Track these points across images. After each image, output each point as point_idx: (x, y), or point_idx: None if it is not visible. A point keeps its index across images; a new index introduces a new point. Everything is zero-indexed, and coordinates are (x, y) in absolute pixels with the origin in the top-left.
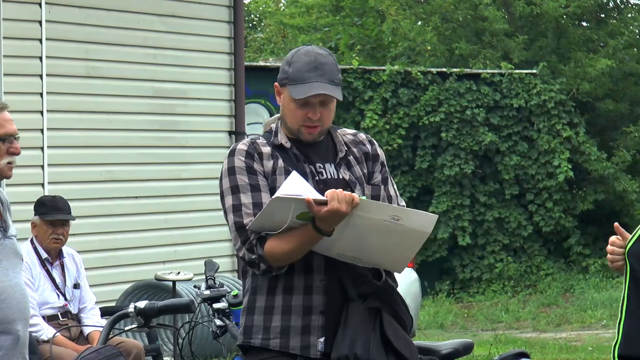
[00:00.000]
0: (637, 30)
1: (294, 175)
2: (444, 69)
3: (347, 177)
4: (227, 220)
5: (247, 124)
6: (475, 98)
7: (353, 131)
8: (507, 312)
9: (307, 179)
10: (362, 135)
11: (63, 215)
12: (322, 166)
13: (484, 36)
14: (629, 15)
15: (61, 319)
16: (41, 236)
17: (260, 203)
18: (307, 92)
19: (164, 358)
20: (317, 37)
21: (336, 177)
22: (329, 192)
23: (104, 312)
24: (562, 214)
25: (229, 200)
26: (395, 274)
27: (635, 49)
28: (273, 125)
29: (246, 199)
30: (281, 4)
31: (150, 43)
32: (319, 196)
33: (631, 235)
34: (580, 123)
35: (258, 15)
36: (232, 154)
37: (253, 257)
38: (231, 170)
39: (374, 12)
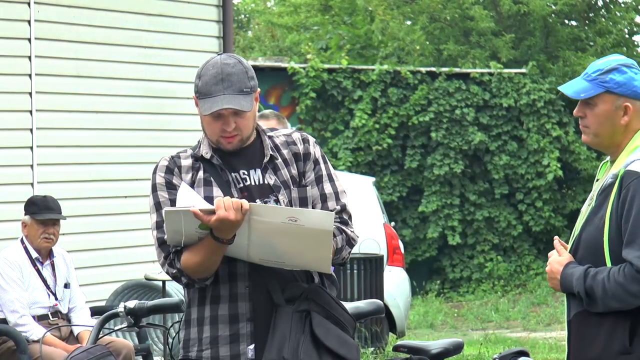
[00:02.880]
0: (625, 29)
1: (183, 186)
2: (434, 69)
3: (271, 182)
4: (153, 237)
5: None
6: (464, 97)
7: (288, 131)
8: (497, 312)
9: (229, 187)
10: (296, 135)
11: (54, 214)
12: (246, 172)
13: (472, 36)
14: (617, 13)
15: (51, 318)
16: (32, 236)
17: None
18: (212, 107)
19: (154, 357)
20: (307, 36)
21: (261, 182)
22: (216, 201)
23: (94, 312)
24: (552, 214)
25: (153, 218)
26: (386, 274)
27: (624, 48)
28: (201, 135)
29: None
30: (269, 3)
31: (139, 42)
32: (207, 206)
33: None
34: (570, 122)
35: (247, 15)
36: (155, 171)
37: (174, 271)
38: (153, 188)
39: (362, 11)
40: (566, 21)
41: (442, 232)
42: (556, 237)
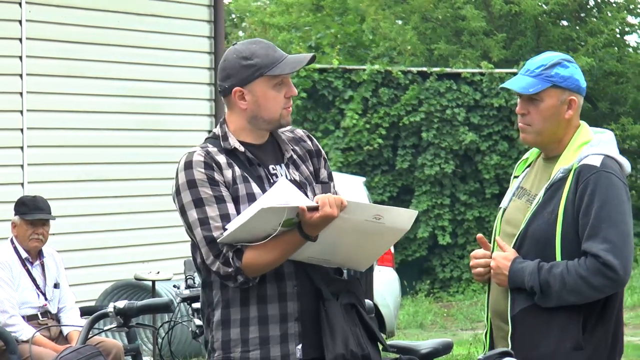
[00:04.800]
0: (617, 29)
1: (283, 181)
2: (424, 69)
3: (297, 178)
4: (194, 235)
5: None
6: (455, 97)
7: (289, 128)
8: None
9: (263, 183)
10: (299, 132)
11: (43, 214)
12: (274, 168)
13: (463, 35)
14: (609, 13)
15: (41, 318)
16: (21, 236)
17: (228, 214)
18: (297, 62)
19: (144, 358)
20: (298, 35)
21: (288, 178)
22: (319, 197)
23: (84, 312)
24: None
25: (193, 214)
26: (376, 274)
27: (616, 48)
28: (216, 130)
29: (213, 211)
30: (260, 2)
31: (131, 42)
32: (309, 201)
33: None
34: None
35: (239, 14)
36: (189, 166)
37: (230, 270)
38: (191, 183)
39: (353, 11)
40: (557, 21)
41: (433, 232)
42: (479, 235)
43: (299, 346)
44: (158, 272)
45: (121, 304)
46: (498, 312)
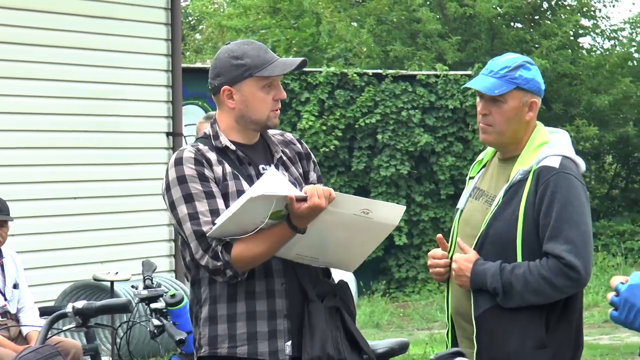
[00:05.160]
0: (570, 32)
1: (272, 171)
2: (380, 71)
3: (287, 178)
4: (183, 230)
5: (185, 125)
6: (410, 99)
7: (278, 131)
8: (442, 312)
9: (252, 182)
10: (289, 135)
11: (1, 215)
12: (264, 168)
13: (418, 38)
14: (563, 16)
15: (0, 319)
16: None
17: (217, 210)
18: (286, 66)
19: (102, 357)
20: (255, 38)
21: None
22: (308, 188)
23: (43, 312)
24: None
25: (183, 210)
26: (333, 274)
27: (569, 50)
28: (207, 130)
29: (202, 206)
30: (217, 5)
31: (89, 45)
32: (297, 192)
33: None
34: None
35: (197, 17)
36: (179, 162)
37: (219, 264)
38: (182, 179)
39: (310, 14)
40: (512, 23)
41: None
42: (439, 235)
43: (289, 342)
44: (116, 273)
45: (80, 304)
46: (460, 312)
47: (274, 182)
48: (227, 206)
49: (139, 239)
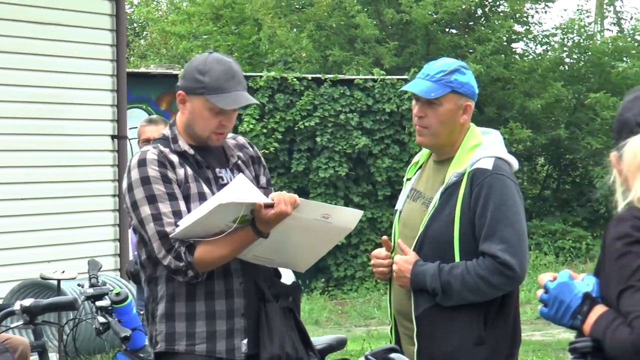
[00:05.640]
0: (504, 37)
1: (241, 178)
2: (319, 75)
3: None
4: (145, 230)
5: (129, 128)
6: (348, 103)
7: (231, 135)
8: (379, 309)
9: (211, 185)
10: (241, 139)
11: None
12: (220, 171)
13: (357, 43)
14: (496, 22)
15: None
16: None
17: (179, 211)
18: (236, 102)
19: (49, 354)
20: (197, 44)
21: None
22: (275, 195)
23: None
24: None
25: (146, 210)
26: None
27: (503, 55)
28: (166, 132)
29: (165, 208)
30: (161, 12)
31: (35, 50)
32: (265, 199)
33: None
34: None
35: (141, 23)
36: (143, 163)
37: (181, 265)
38: (145, 180)
39: (251, 20)
40: (447, 29)
41: None
42: (384, 237)
43: (245, 341)
44: (63, 272)
45: (27, 302)
46: (402, 312)
47: (243, 189)
48: (188, 207)
49: (85, 238)
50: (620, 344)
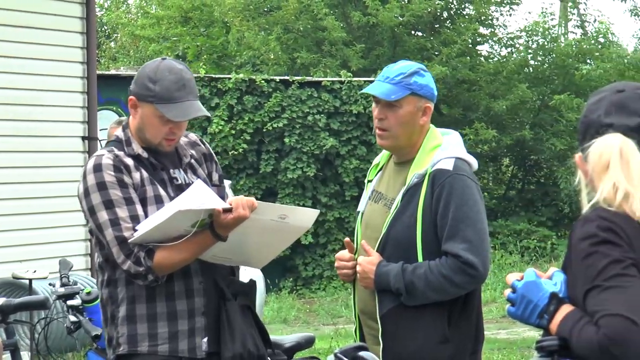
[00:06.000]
0: (469, 39)
1: (199, 183)
2: (287, 77)
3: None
4: (104, 236)
5: (100, 130)
6: (316, 104)
7: (184, 132)
8: (347, 308)
9: (166, 186)
10: (193, 136)
11: None
12: (174, 172)
13: (324, 45)
14: (462, 25)
15: None
16: None
17: (137, 216)
18: (186, 114)
19: (21, 352)
20: (166, 46)
21: (187, 181)
22: (233, 200)
23: None
24: None
25: (104, 215)
26: (242, 272)
27: (468, 57)
28: (120, 134)
29: (123, 212)
30: (131, 15)
31: (6, 53)
32: (224, 203)
33: None
34: None
35: (111, 26)
36: (98, 168)
37: (141, 269)
38: (101, 185)
39: (220, 22)
40: (413, 32)
41: None
42: (346, 239)
43: (205, 339)
44: (35, 271)
45: None
46: (366, 312)
47: (201, 194)
48: (145, 211)
49: (56, 238)
50: (587, 343)
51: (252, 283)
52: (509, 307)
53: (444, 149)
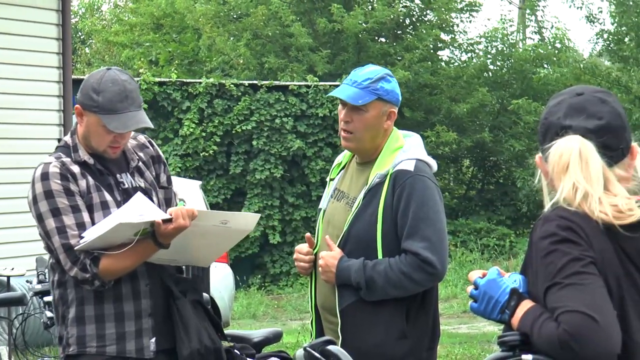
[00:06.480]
0: (430, 45)
1: (139, 196)
2: (255, 82)
3: (142, 185)
4: (51, 242)
5: None
6: (283, 108)
7: (132, 134)
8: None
9: (113, 191)
10: (142, 138)
11: None
12: (121, 176)
13: (291, 51)
14: (423, 31)
15: None
16: None
17: (83, 223)
18: (127, 125)
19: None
20: (140, 51)
21: (134, 185)
22: (173, 210)
23: None
24: None
25: (51, 223)
26: (212, 269)
27: (429, 62)
28: (68, 140)
29: (69, 220)
30: (105, 22)
31: None
32: (164, 214)
33: None
34: None
35: (86, 32)
36: (45, 177)
37: (87, 276)
38: (48, 194)
39: (191, 29)
40: (376, 38)
41: (264, 231)
42: (307, 234)
43: (153, 339)
44: (12, 269)
45: None
46: (326, 306)
47: (141, 207)
48: (91, 218)
49: (33, 237)
50: (547, 339)
51: (199, 277)
52: (471, 303)
53: (405, 150)
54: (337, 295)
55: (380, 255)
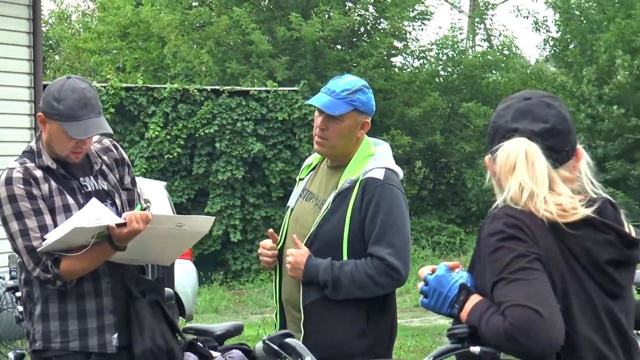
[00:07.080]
0: (384, 52)
1: (94, 201)
2: (218, 87)
3: (105, 188)
4: (16, 245)
5: None
6: (244, 112)
7: (97, 138)
8: (273, 298)
9: (76, 194)
10: (106, 141)
11: None
12: (84, 180)
13: (252, 58)
14: (378, 38)
15: None
16: None
17: (45, 225)
18: (87, 132)
19: None
20: (108, 58)
21: (97, 188)
22: (127, 215)
23: None
24: None
25: (14, 226)
26: (176, 266)
27: (383, 68)
28: (33, 145)
29: (32, 223)
30: (74, 30)
31: None
32: (118, 219)
33: None
34: None
35: (56, 40)
36: (9, 182)
37: (49, 276)
38: (12, 198)
39: (156, 37)
40: (333, 45)
41: (226, 230)
42: (270, 230)
43: (115, 335)
44: None
45: None
46: (290, 301)
47: (96, 212)
48: (54, 220)
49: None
50: (494, 331)
51: (161, 279)
52: (422, 298)
53: (376, 159)
54: (302, 291)
55: (345, 257)
